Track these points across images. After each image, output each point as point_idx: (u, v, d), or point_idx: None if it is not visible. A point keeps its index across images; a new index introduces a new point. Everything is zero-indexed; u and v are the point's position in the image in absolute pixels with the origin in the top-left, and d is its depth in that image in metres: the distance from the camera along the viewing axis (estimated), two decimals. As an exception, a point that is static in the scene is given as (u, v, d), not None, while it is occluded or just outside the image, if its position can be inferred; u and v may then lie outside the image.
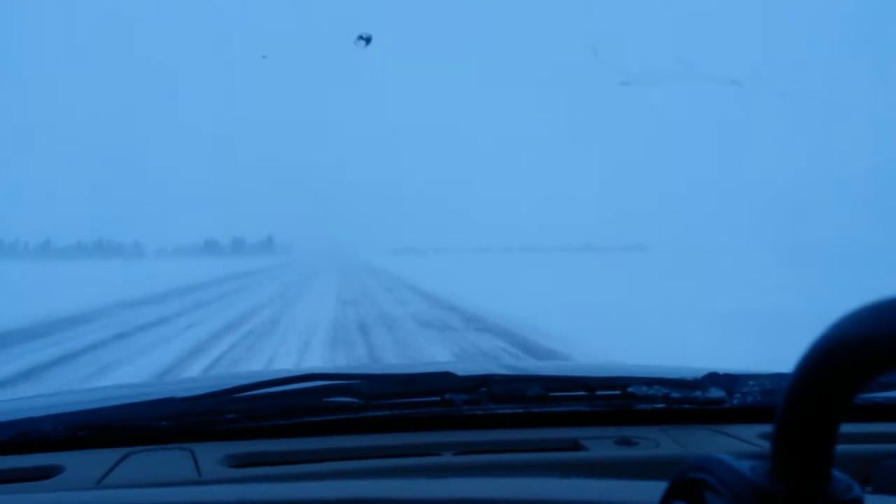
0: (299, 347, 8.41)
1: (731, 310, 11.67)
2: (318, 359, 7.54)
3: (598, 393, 1.19)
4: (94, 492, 0.89)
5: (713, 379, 1.21)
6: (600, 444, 1.09)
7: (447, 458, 1.05)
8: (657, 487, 0.55)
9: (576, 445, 1.09)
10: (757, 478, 0.45)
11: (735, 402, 1.19)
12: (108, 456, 1.01)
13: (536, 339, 9.00)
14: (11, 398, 1.50)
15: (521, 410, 1.17)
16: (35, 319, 11.47)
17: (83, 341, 9.11)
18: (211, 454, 1.02)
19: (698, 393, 1.19)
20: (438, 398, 1.15)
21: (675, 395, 1.18)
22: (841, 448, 0.44)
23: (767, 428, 1.06)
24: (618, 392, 1.19)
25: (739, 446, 1.09)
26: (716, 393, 1.19)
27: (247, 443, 1.08)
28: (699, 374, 1.22)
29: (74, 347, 8.60)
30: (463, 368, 1.26)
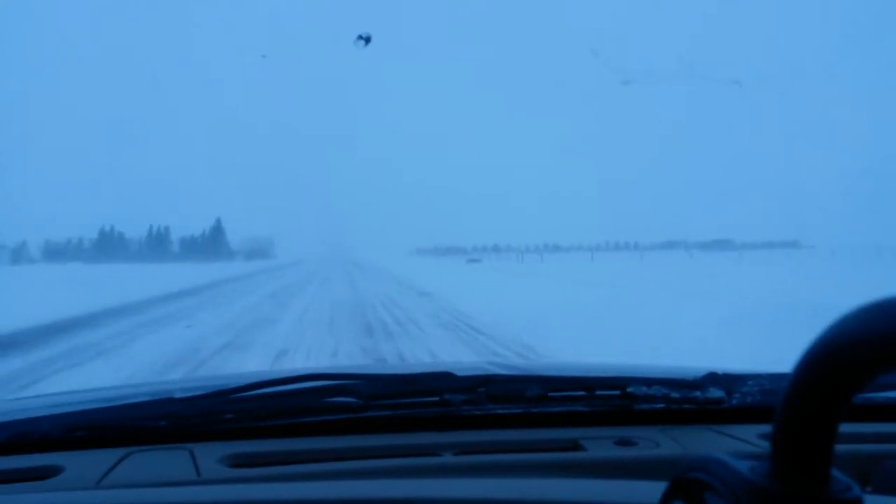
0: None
1: None
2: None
3: (598, 393, 1.19)
4: (94, 492, 0.89)
5: (713, 379, 1.21)
6: (600, 444, 1.09)
7: (447, 459, 1.04)
8: (657, 487, 0.55)
9: (575, 446, 1.09)
10: (756, 478, 0.45)
11: (734, 402, 1.19)
12: (108, 456, 1.01)
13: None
14: (11, 398, 1.50)
15: (520, 411, 1.17)
16: None
17: None
18: (210, 454, 1.02)
19: (698, 393, 1.19)
20: (438, 398, 1.15)
21: (674, 395, 1.18)
22: (841, 448, 0.44)
23: (767, 428, 1.06)
24: (617, 392, 1.19)
25: (739, 446, 1.09)
26: (715, 393, 1.19)
27: (246, 443, 1.08)
28: (699, 374, 1.22)
29: None
30: (462, 369, 1.26)
